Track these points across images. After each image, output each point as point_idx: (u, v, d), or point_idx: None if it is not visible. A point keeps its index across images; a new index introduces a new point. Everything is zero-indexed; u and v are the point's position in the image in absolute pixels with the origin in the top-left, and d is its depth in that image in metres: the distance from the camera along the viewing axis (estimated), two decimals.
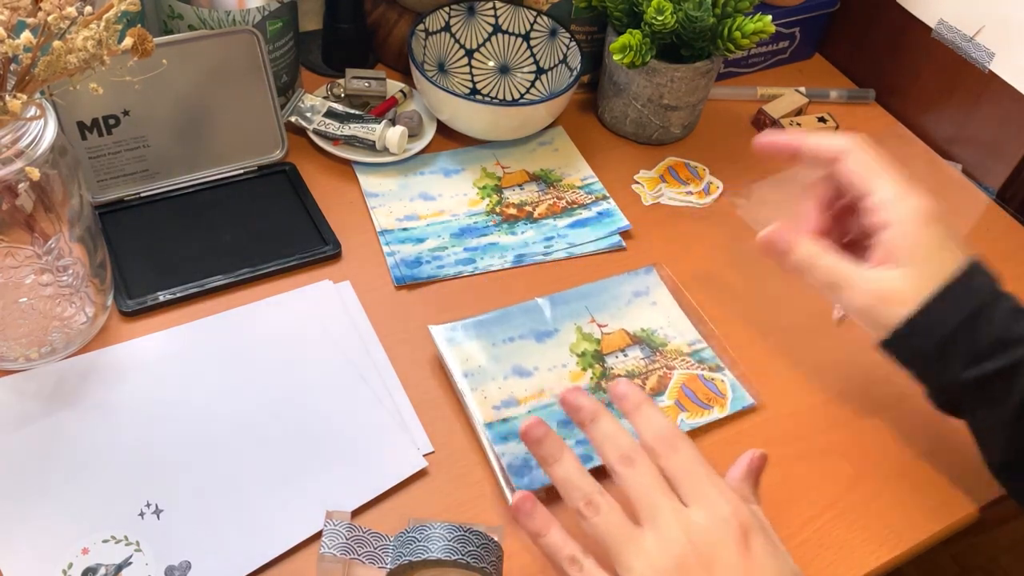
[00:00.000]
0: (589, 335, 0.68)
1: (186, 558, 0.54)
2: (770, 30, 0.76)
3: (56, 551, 0.53)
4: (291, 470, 0.59)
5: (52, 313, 0.61)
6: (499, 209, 0.78)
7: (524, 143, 0.84)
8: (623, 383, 0.54)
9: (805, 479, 0.63)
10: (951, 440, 0.66)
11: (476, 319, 0.67)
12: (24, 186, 0.54)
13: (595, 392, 0.64)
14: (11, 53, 0.48)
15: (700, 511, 0.49)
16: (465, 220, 0.77)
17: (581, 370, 0.66)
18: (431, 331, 0.66)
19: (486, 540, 0.49)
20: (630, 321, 0.69)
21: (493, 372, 0.64)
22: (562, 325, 0.68)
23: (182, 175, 0.74)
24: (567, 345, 0.67)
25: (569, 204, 0.79)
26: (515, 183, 0.80)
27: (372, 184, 0.78)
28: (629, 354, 0.67)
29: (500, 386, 0.63)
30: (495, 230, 0.76)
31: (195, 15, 0.72)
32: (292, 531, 0.56)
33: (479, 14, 0.87)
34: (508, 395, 0.63)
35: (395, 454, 0.60)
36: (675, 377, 0.66)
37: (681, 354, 0.68)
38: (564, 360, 0.66)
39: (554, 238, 0.76)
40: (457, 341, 0.65)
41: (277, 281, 0.70)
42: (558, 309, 0.69)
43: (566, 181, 0.81)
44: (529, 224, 0.77)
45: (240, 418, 0.61)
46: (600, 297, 0.70)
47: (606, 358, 0.67)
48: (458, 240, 0.75)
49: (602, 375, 0.66)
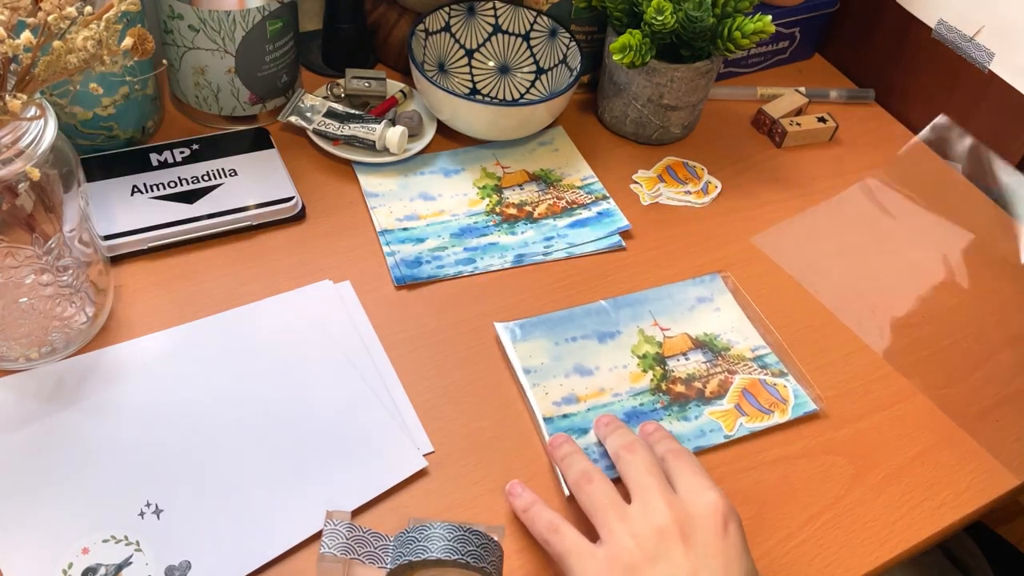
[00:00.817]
0: (651, 338, 0.69)
1: (186, 558, 0.54)
2: (770, 30, 0.76)
3: (56, 551, 0.53)
4: (291, 470, 0.59)
5: (52, 313, 0.61)
6: (499, 209, 0.78)
7: (524, 143, 0.84)
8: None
9: (805, 479, 0.63)
10: (951, 440, 0.66)
11: (540, 318, 0.68)
12: (24, 186, 0.54)
13: (654, 394, 0.65)
14: (11, 53, 0.48)
15: (687, 494, 0.53)
16: (465, 220, 0.77)
17: (642, 371, 0.66)
18: (496, 328, 0.67)
19: (486, 540, 0.49)
20: (693, 325, 0.70)
21: (555, 370, 0.65)
22: (625, 327, 0.69)
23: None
24: (629, 347, 0.68)
25: (569, 204, 0.79)
26: (515, 183, 0.80)
27: (372, 184, 0.78)
28: (691, 357, 0.68)
29: (561, 383, 0.65)
30: (495, 230, 0.76)
31: (195, 15, 0.72)
32: (292, 531, 0.56)
33: (479, 14, 0.87)
34: (569, 392, 0.64)
35: (395, 454, 0.60)
36: (736, 381, 0.67)
37: (743, 359, 0.69)
38: (625, 361, 0.67)
39: (554, 238, 0.76)
40: (521, 338, 0.67)
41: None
42: (621, 312, 0.70)
43: (566, 181, 0.81)
44: (529, 224, 0.77)
45: (240, 418, 0.61)
46: (663, 302, 0.71)
47: (667, 361, 0.67)
48: (458, 240, 0.75)
49: (663, 377, 0.66)
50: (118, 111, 0.73)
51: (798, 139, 0.89)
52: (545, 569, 0.56)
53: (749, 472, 0.63)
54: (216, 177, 0.74)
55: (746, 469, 0.63)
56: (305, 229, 0.74)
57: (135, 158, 0.75)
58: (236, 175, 0.75)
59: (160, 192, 0.72)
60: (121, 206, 0.71)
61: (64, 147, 0.57)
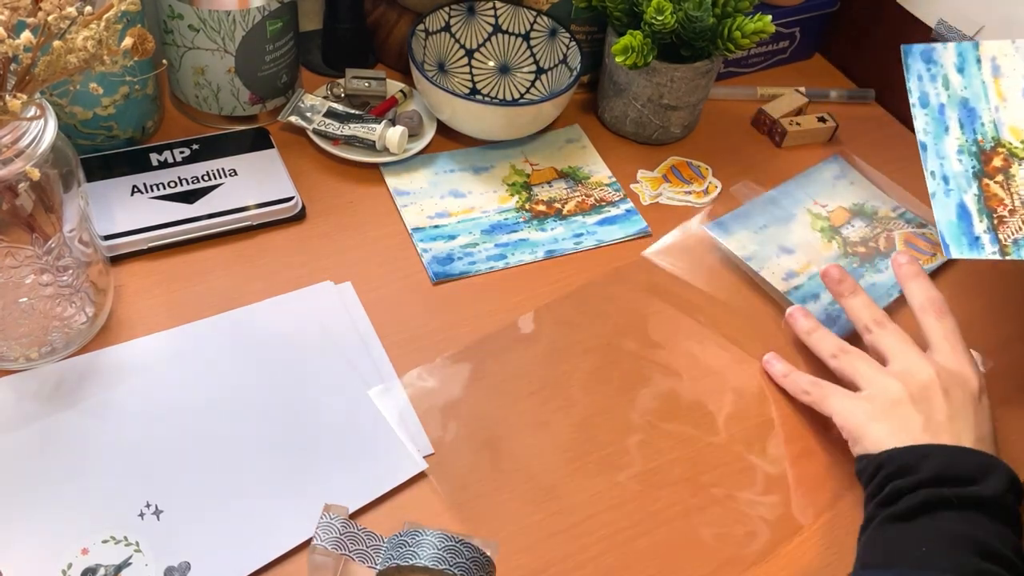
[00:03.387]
0: (818, 215, 0.81)
1: (185, 559, 0.54)
2: (770, 30, 0.76)
3: (56, 551, 0.53)
4: (290, 472, 0.59)
5: (52, 313, 0.61)
6: (528, 206, 0.79)
7: (552, 140, 0.85)
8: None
9: (806, 478, 0.63)
10: None
11: (737, 212, 0.79)
12: (24, 186, 0.54)
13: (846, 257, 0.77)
14: (11, 53, 0.48)
15: (945, 360, 0.62)
16: (495, 217, 0.77)
17: (827, 242, 0.79)
18: (706, 230, 0.77)
19: (477, 554, 0.49)
20: (841, 200, 0.82)
21: (766, 253, 0.76)
22: (796, 210, 0.80)
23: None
24: (807, 224, 0.80)
25: (597, 202, 0.80)
26: (544, 180, 0.81)
27: (402, 182, 0.79)
28: (855, 225, 0.80)
29: (780, 262, 0.76)
30: (525, 226, 0.77)
31: (195, 15, 0.72)
32: (291, 533, 0.56)
33: (479, 14, 0.87)
34: (787, 270, 0.75)
35: (394, 457, 0.60)
36: (896, 237, 0.79)
37: (891, 218, 0.80)
38: (810, 238, 0.78)
39: (583, 235, 0.77)
40: (730, 231, 0.76)
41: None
42: (788, 197, 0.81)
43: (594, 179, 0.82)
44: (558, 221, 0.78)
45: (240, 419, 0.61)
46: (806, 183, 0.83)
47: (840, 230, 0.79)
48: (489, 236, 0.76)
49: (844, 244, 0.79)
50: (118, 111, 0.73)
51: (798, 139, 0.89)
52: (541, 572, 0.56)
53: (751, 471, 0.63)
54: (216, 177, 0.74)
55: (747, 468, 0.63)
56: (305, 229, 0.74)
57: (135, 158, 0.75)
58: (236, 175, 0.75)
59: (160, 192, 0.72)
60: (121, 206, 0.71)
61: (64, 147, 0.57)
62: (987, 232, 0.66)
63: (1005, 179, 0.67)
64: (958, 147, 0.69)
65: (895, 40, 0.92)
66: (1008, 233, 0.65)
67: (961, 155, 0.68)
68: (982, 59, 0.71)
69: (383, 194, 0.78)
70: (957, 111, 0.70)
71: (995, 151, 0.68)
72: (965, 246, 0.66)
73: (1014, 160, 0.68)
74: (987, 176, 0.68)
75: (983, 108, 0.70)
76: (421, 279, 0.72)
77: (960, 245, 0.66)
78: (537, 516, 0.59)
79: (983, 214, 0.66)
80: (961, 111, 0.70)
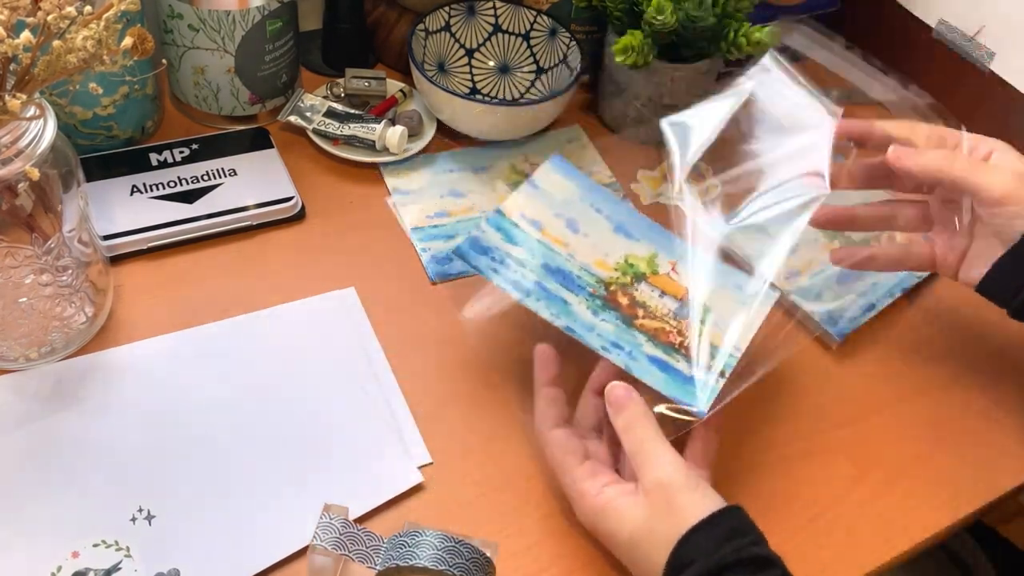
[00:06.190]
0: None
1: (175, 566, 0.53)
2: (775, 43, 0.75)
3: (46, 554, 0.53)
4: (286, 480, 0.58)
5: (52, 313, 0.61)
6: None
7: (552, 140, 0.85)
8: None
9: (806, 479, 0.63)
10: (952, 440, 0.66)
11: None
12: (24, 186, 0.54)
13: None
14: (11, 53, 0.48)
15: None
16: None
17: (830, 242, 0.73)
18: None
19: (477, 555, 0.49)
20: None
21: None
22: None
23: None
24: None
25: None
26: None
27: (401, 182, 0.78)
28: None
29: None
30: None
31: (195, 14, 0.72)
32: (283, 542, 0.55)
33: (479, 14, 0.86)
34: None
35: (392, 467, 0.60)
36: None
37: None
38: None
39: None
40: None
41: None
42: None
43: (594, 178, 0.81)
44: None
45: (237, 425, 0.61)
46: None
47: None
48: None
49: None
50: (118, 111, 0.73)
51: None
52: (541, 572, 0.56)
53: (751, 471, 0.63)
54: (216, 177, 0.74)
55: (747, 468, 0.63)
56: (304, 229, 0.74)
57: (135, 158, 0.75)
58: (236, 175, 0.75)
59: (160, 192, 0.72)
60: (120, 206, 0.71)
61: (63, 147, 0.57)
62: (689, 364, 0.59)
63: (643, 310, 0.62)
64: (588, 309, 0.61)
65: (895, 40, 0.93)
66: (699, 353, 0.59)
67: (598, 314, 0.61)
68: (514, 219, 0.64)
69: (383, 194, 0.78)
70: (551, 277, 0.62)
71: (609, 292, 0.62)
72: (693, 393, 0.57)
73: (628, 288, 0.63)
74: (632, 318, 0.61)
75: (560, 261, 0.63)
76: (421, 279, 0.72)
77: (691, 396, 0.57)
78: (537, 516, 0.59)
79: (669, 351, 0.60)
80: (552, 276, 0.62)
